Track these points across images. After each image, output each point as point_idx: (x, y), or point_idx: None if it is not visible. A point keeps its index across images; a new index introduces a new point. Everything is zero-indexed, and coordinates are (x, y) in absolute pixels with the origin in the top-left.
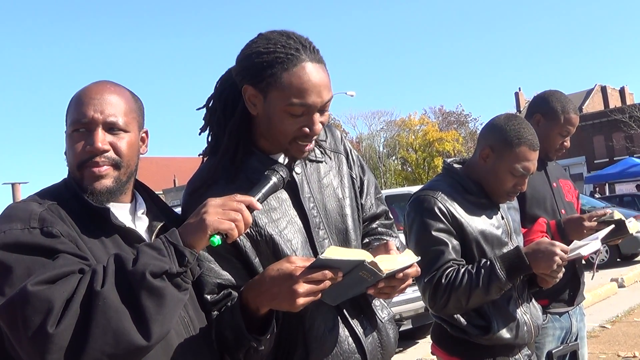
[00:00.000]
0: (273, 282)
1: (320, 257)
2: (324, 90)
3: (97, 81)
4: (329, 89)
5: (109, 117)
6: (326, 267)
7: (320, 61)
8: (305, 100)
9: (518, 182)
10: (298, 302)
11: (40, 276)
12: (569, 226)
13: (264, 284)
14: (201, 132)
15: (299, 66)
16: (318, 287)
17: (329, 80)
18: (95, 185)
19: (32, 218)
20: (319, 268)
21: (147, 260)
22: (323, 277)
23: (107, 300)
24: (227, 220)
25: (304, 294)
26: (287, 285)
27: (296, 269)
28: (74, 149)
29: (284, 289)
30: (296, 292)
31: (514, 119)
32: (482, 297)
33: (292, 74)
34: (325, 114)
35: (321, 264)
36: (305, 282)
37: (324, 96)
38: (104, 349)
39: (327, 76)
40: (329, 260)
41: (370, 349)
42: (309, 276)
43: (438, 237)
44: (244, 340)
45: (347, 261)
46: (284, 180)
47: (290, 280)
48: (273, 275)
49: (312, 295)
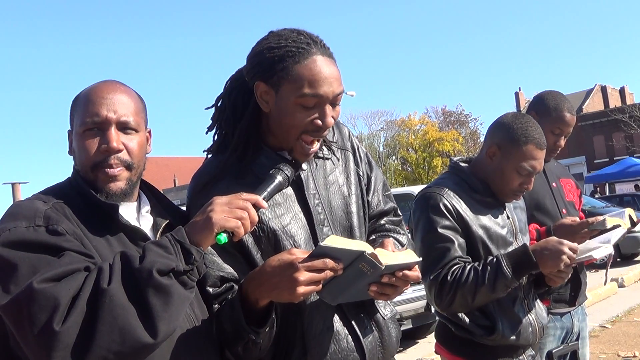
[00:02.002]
0: (274, 271)
1: (321, 244)
2: (334, 82)
3: (105, 80)
4: (339, 82)
5: (122, 116)
6: (327, 256)
7: (330, 56)
8: (317, 91)
9: (524, 180)
10: (299, 291)
11: (46, 274)
12: (559, 234)
13: (265, 274)
14: (208, 131)
15: (310, 59)
16: (319, 276)
17: (339, 74)
18: (111, 187)
19: (37, 216)
20: (319, 256)
21: (153, 258)
22: (324, 265)
23: (114, 297)
24: (233, 218)
25: (305, 282)
26: (288, 274)
27: (297, 258)
28: (87, 149)
29: (284, 278)
30: (297, 280)
31: (521, 117)
32: (488, 295)
33: (303, 66)
34: (336, 108)
35: (322, 252)
36: (306, 270)
37: (335, 88)
38: (111, 346)
39: (338, 70)
40: (330, 249)
41: (369, 347)
42: (309, 264)
43: (444, 234)
44: (242, 333)
45: (348, 250)
46: (289, 179)
47: (291, 269)
48: (274, 265)
49: (313, 285)
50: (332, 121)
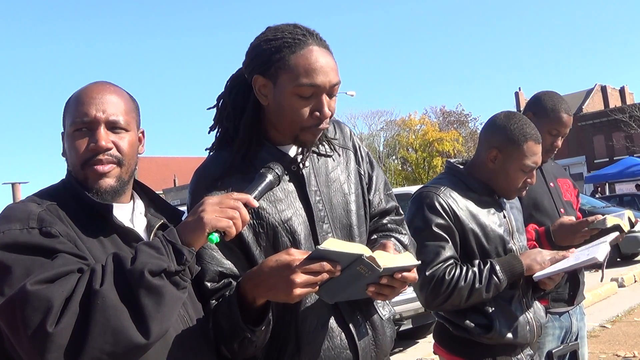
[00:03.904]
0: (271, 272)
1: (318, 247)
2: (331, 72)
3: (95, 82)
4: (336, 73)
5: (111, 116)
6: (324, 259)
7: (327, 47)
8: (313, 80)
9: (528, 176)
10: (295, 293)
11: (40, 275)
12: (558, 234)
13: (262, 274)
14: (211, 130)
15: (306, 49)
16: (316, 278)
17: (335, 65)
18: (100, 184)
19: (31, 218)
20: (317, 259)
21: (145, 259)
22: (321, 268)
23: (106, 299)
24: (224, 218)
25: (301, 284)
26: (285, 275)
27: (294, 259)
28: (77, 148)
29: (281, 279)
30: (293, 282)
31: (513, 117)
32: (481, 296)
33: (299, 56)
34: (333, 100)
35: (319, 255)
36: (303, 273)
37: (332, 78)
38: (104, 347)
39: (334, 61)
40: (327, 252)
41: (362, 346)
42: (306, 267)
43: (438, 233)
44: (238, 331)
45: (345, 254)
46: (279, 177)
47: (288, 270)
48: (271, 265)
49: (310, 287)
50: (329, 112)
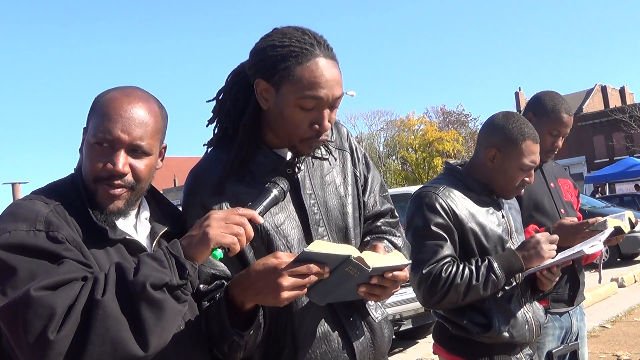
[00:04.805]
0: (258, 276)
1: (305, 250)
2: (335, 86)
3: (127, 91)
4: (340, 85)
5: (135, 140)
6: (312, 261)
7: (333, 58)
8: (317, 94)
9: (527, 175)
10: (282, 296)
11: (44, 281)
12: (558, 235)
13: (249, 279)
14: (209, 123)
15: (313, 61)
16: (303, 281)
17: (340, 77)
18: (110, 207)
19: (39, 220)
20: (304, 262)
21: (148, 272)
22: (308, 270)
23: (107, 309)
24: (229, 234)
25: (289, 287)
26: (272, 279)
27: (281, 262)
28: (93, 162)
29: (268, 282)
30: (280, 285)
31: (511, 116)
32: (478, 294)
33: (305, 68)
34: (334, 112)
35: (306, 257)
36: (290, 276)
37: (335, 91)
38: (102, 357)
39: (339, 73)
40: (314, 254)
41: (360, 349)
42: (293, 269)
43: (437, 232)
44: (227, 334)
45: (333, 255)
46: (285, 192)
47: (274, 274)
48: (258, 269)
49: (298, 290)
50: (329, 125)
